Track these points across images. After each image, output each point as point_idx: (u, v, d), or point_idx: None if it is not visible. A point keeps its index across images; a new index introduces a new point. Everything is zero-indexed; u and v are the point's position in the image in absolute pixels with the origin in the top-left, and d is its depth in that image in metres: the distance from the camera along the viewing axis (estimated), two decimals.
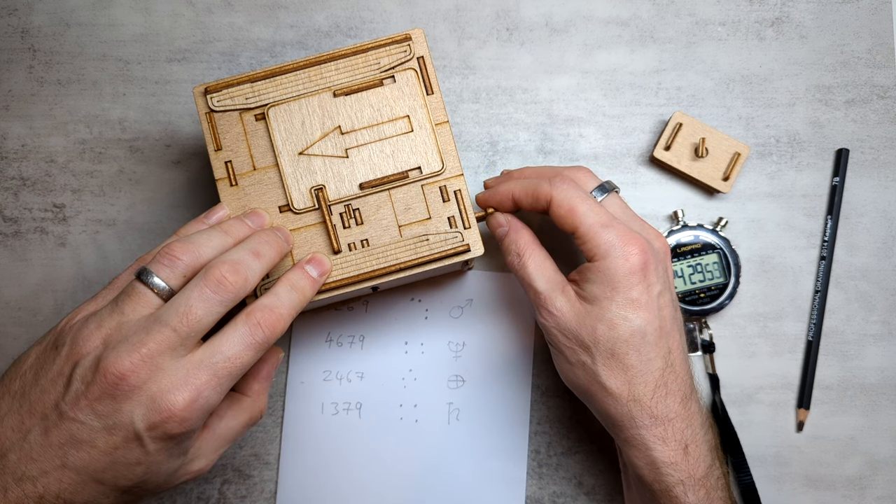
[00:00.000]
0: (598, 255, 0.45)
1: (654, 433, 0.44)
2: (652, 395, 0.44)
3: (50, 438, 0.38)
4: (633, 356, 0.44)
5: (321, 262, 0.46)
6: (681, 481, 0.44)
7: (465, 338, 0.56)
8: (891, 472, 0.55)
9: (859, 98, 0.57)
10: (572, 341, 0.45)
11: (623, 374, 0.44)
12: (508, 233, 0.49)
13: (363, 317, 0.56)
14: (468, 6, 0.58)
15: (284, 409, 0.55)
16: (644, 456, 0.44)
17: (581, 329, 0.45)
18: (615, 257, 0.44)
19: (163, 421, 0.37)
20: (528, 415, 0.55)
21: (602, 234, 0.45)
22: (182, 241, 0.41)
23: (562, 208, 0.46)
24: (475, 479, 0.54)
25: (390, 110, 0.48)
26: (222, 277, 0.40)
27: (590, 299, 0.45)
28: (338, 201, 0.47)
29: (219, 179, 0.47)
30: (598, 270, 0.44)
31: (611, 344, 0.44)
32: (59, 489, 0.38)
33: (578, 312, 0.45)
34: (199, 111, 0.47)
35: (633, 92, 0.58)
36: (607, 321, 0.44)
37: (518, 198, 0.48)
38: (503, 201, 0.49)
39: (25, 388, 0.39)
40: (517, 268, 0.48)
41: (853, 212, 0.57)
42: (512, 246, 0.48)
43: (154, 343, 0.38)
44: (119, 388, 0.37)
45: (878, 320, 0.56)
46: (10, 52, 0.58)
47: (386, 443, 0.55)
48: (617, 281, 0.44)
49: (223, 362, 0.39)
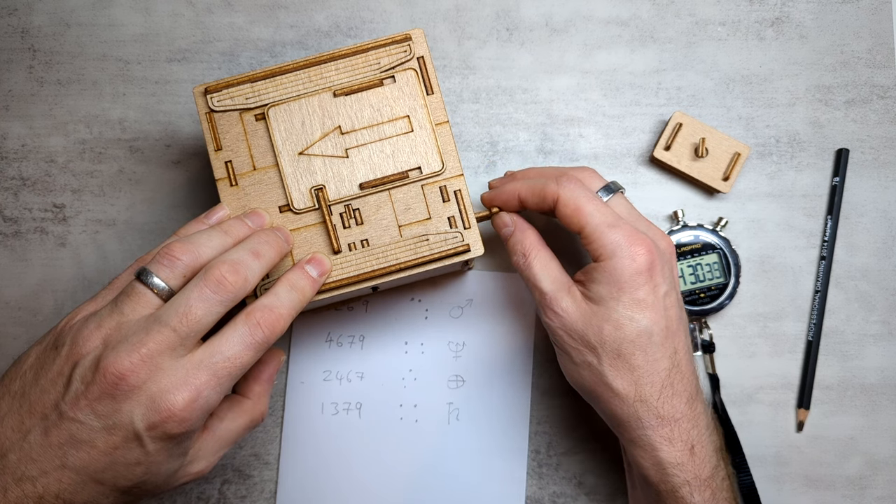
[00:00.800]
0: (604, 254, 0.45)
1: (661, 434, 0.44)
2: (658, 396, 0.44)
3: (50, 438, 0.38)
4: (640, 356, 0.44)
5: (321, 262, 0.46)
6: (687, 482, 0.44)
7: (466, 338, 0.56)
8: (891, 472, 0.55)
9: (859, 98, 0.57)
10: (578, 342, 0.45)
11: (629, 374, 0.44)
12: (514, 232, 0.49)
13: (363, 317, 0.56)
14: (468, 6, 0.58)
15: (284, 409, 0.55)
16: (650, 456, 0.44)
17: (587, 329, 0.45)
18: (622, 257, 0.44)
19: (162, 421, 0.37)
20: (528, 415, 0.55)
21: (608, 234, 0.45)
22: (182, 241, 0.41)
23: (568, 207, 0.46)
24: (475, 480, 0.54)
25: (390, 110, 0.48)
26: (222, 277, 0.40)
27: (596, 300, 0.45)
28: (338, 201, 0.47)
29: (219, 179, 0.47)
30: (605, 270, 0.44)
31: (617, 344, 0.44)
32: (59, 489, 0.38)
33: (584, 313, 0.45)
34: (199, 111, 0.47)
35: (633, 92, 0.58)
36: (613, 321, 0.44)
37: (524, 197, 0.48)
38: (509, 200, 0.49)
39: (25, 389, 0.39)
40: (522, 268, 0.48)
41: (853, 212, 0.57)
42: (517, 246, 0.48)
43: (154, 343, 0.38)
44: (118, 388, 0.37)
45: (878, 320, 0.56)
46: (10, 52, 0.58)
47: (386, 443, 0.55)
48: (623, 281, 0.44)
49: (223, 362, 0.39)
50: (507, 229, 0.49)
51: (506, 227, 0.49)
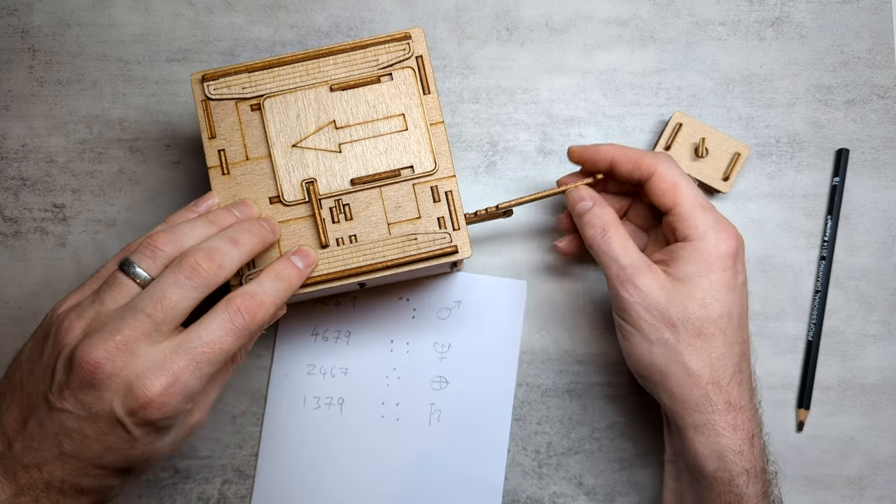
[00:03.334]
0: (694, 234, 0.45)
1: (727, 419, 0.44)
2: (729, 381, 0.45)
3: (45, 428, 0.38)
4: (719, 338, 0.45)
5: (307, 254, 0.46)
6: (745, 471, 0.44)
7: (451, 339, 0.56)
8: (891, 472, 0.55)
9: (859, 98, 0.57)
10: (657, 318, 0.45)
11: (707, 355, 0.45)
12: (593, 207, 0.48)
13: (350, 313, 0.56)
14: (468, 6, 0.58)
15: (267, 400, 0.55)
16: (712, 442, 0.44)
17: (670, 306, 0.45)
18: (712, 239, 0.45)
19: (141, 406, 0.38)
20: (508, 419, 0.55)
21: (701, 215, 0.45)
22: (165, 231, 0.42)
23: (665, 182, 0.46)
24: (453, 481, 0.54)
25: (386, 108, 0.48)
26: (196, 263, 0.40)
27: (681, 278, 0.45)
28: (328, 196, 0.47)
29: (211, 167, 0.47)
30: (694, 249, 0.45)
31: (700, 323, 0.44)
32: (63, 475, 0.39)
33: (668, 290, 0.45)
34: (196, 98, 0.47)
35: (633, 92, 0.58)
36: (699, 300, 0.44)
37: (617, 161, 0.48)
38: (601, 160, 0.49)
39: (23, 379, 0.40)
40: (600, 242, 0.47)
41: (853, 212, 0.57)
42: (596, 220, 0.48)
43: (129, 330, 0.38)
44: (96, 377, 0.37)
45: (878, 320, 0.56)
46: (10, 52, 0.58)
47: (365, 439, 0.55)
48: (712, 262, 0.45)
49: (201, 347, 0.39)
50: (584, 203, 0.49)
51: (583, 201, 0.49)
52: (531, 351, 0.56)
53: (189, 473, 0.55)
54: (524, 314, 0.56)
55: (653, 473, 0.55)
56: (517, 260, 0.56)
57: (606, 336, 0.56)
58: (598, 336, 0.56)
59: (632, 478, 0.55)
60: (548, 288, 0.56)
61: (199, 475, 0.55)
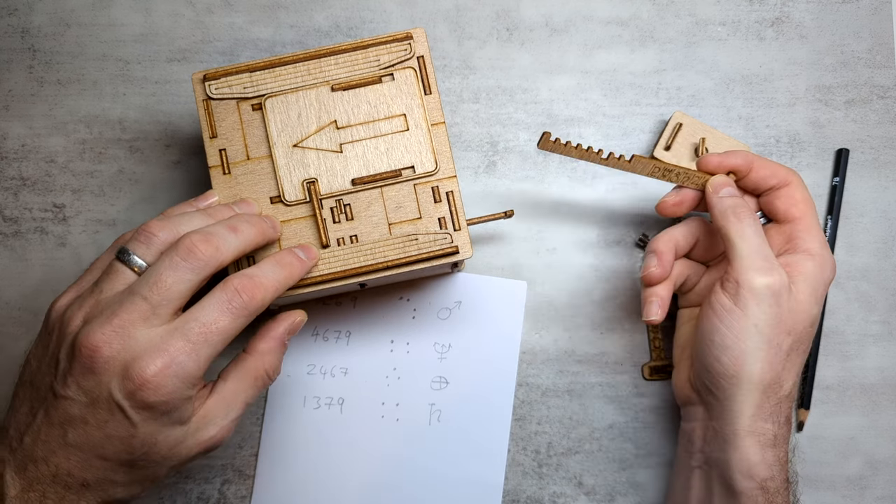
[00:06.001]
0: (813, 249, 0.46)
1: (783, 433, 0.45)
2: (789, 393, 0.46)
3: (51, 419, 0.39)
4: (803, 357, 0.46)
5: (309, 248, 0.46)
6: (785, 481, 0.45)
7: (452, 340, 0.56)
8: (891, 472, 0.55)
9: (859, 98, 0.57)
10: (779, 320, 0.45)
11: (796, 369, 0.46)
12: (741, 200, 0.48)
13: (351, 312, 0.56)
14: (468, 6, 0.58)
15: (267, 399, 0.55)
16: (768, 454, 0.45)
17: (795, 315, 0.45)
18: (823, 259, 0.46)
19: (137, 388, 0.38)
20: (508, 419, 0.55)
21: (818, 234, 0.47)
22: (161, 219, 0.42)
23: (801, 193, 0.47)
24: (453, 481, 0.54)
25: (387, 108, 0.48)
26: (192, 245, 0.40)
27: (803, 291, 0.46)
28: (329, 196, 0.47)
29: (212, 167, 0.47)
30: (816, 266, 0.46)
31: (802, 338, 0.46)
32: (69, 467, 0.39)
33: (793, 299, 0.45)
34: (197, 98, 0.47)
35: (633, 92, 0.58)
36: (814, 317, 0.46)
37: (758, 166, 0.48)
38: (741, 166, 0.48)
39: (32, 376, 0.41)
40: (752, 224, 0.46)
41: (853, 212, 0.57)
42: (742, 209, 0.47)
43: (126, 313, 0.38)
44: (95, 361, 0.38)
45: (878, 320, 0.56)
46: (10, 52, 0.58)
47: (365, 439, 0.55)
48: (817, 280, 0.46)
49: (198, 328, 0.39)
50: (728, 189, 0.48)
51: (727, 186, 0.48)
52: (531, 351, 0.56)
53: (189, 473, 0.55)
54: (524, 314, 0.56)
55: (653, 474, 0.55)
56: (517, 260, 0.56)
57: (606, 336, 0.56)
58: (598, 336, 0.56)
59: (632, 478, 0.55)
60: (548, 288, 0.56)
61: (199, 475, 0.55)
